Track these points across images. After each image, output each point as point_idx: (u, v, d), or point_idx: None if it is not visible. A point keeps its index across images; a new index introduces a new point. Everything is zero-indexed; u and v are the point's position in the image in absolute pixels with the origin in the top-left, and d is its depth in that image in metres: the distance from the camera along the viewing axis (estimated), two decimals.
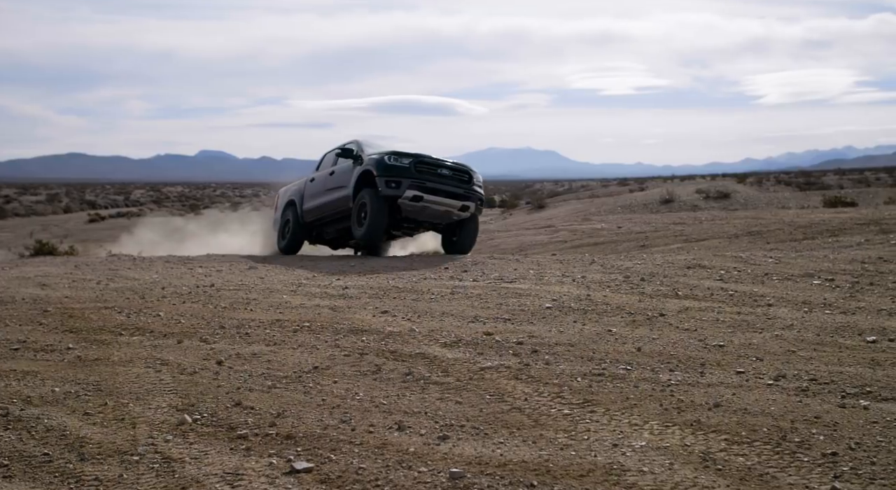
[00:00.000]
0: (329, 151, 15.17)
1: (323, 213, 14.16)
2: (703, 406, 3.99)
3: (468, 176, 12.82)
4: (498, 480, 3.16)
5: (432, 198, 12.39)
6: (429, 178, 12.45)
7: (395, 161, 12.47)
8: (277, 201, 16.19)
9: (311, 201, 14.51)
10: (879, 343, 5.21)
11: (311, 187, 14.72)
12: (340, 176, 13.64)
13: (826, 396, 4.06)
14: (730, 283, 8.17)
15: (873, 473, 3.04)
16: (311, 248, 15.59)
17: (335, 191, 13.68)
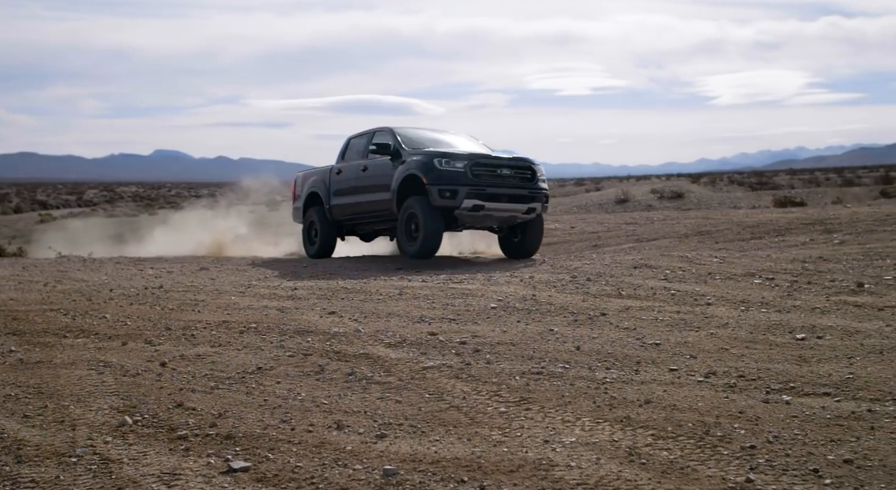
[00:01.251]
0: (354, 136, 13.49)
1: (356, 212, 12.65)
2: (635, 403, 4.11)
3: (531, 172, 11.35)
4: (430, 477, 3.25)
5: (494, 205, 10.98)
6: (488, 181, 10.99)
7: (447, 165, 10.92)
8: (295, 189, 14.44)
9: (340, 198, 12.89)
10: (808, 340, 5.39)
11: (338, 180, 13.02)
12: (377, 174, 12.02)
13: (752, 392, 4.21)
14: (673, 282, 8.34)
15: (786, 465, 3.18)
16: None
17: (372, 191, 12.11)
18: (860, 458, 3.20)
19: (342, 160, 13.36)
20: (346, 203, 12.76)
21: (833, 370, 4.57)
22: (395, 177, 11.46)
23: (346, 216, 12.92)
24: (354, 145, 13.32)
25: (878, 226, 15.88)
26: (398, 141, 12.00)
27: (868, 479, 3.01)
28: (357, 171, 12.61)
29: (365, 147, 12.68)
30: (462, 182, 10.81)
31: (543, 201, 11.47)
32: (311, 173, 14.15)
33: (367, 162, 12.39)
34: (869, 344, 5.20)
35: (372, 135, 12.83)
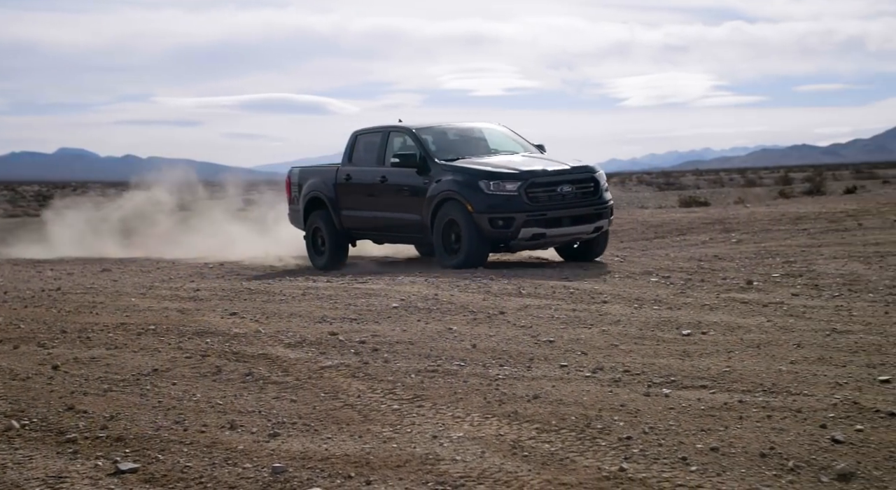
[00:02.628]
0: (362, 133, 11.65)
1: (375, 227, 11.16)
2: (524, 398, 4.26)
3: (594, 183, 9.89)
4: (318, 473, 3.32)
5: (557, 231, 9.61)
6: (547, 203, 9.49)
7: (497, 188, 9.40)
8: (290, 188, 12.59)
9: (352, 211, 11.24)
10: (693, 336, 5.63)
11: (348, 189, 11.31)
12: (402, 191, 10.51)
13: (635, 386, 4.40)
14: (573, 281, 8.57)
15: (658, 454, 3.36)
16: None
17: (396, 209, 10.62)
18: (726, 445, 3.40)
19: (349, 162, 11.58)
20: (361, 217, 11.21)
21: (712, 364, 4.80)
22: (429, 195, 9.93)
23: (361, 229, 11.44)
24: (364, 145, 11.55)
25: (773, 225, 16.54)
26: (426, 150, 10.33)
27: (730, 465, 3.20)
28: (373, 181, 10.94)
29: (380, 149, 11.05)
30: (517, 207, 9.35)
31: (609, 216, 10.12)
32: (309, 172, 12.34)
33: (387, 171, 10.75)
34: (748, 339, 5.47)
35: (387, 135, 11.10)
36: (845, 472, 3.07)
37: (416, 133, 10.64)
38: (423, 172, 10.13)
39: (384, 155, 10.93)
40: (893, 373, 4.45)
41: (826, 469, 3.11)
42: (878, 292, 7.57)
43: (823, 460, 3.20)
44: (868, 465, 3.13)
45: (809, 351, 5.06)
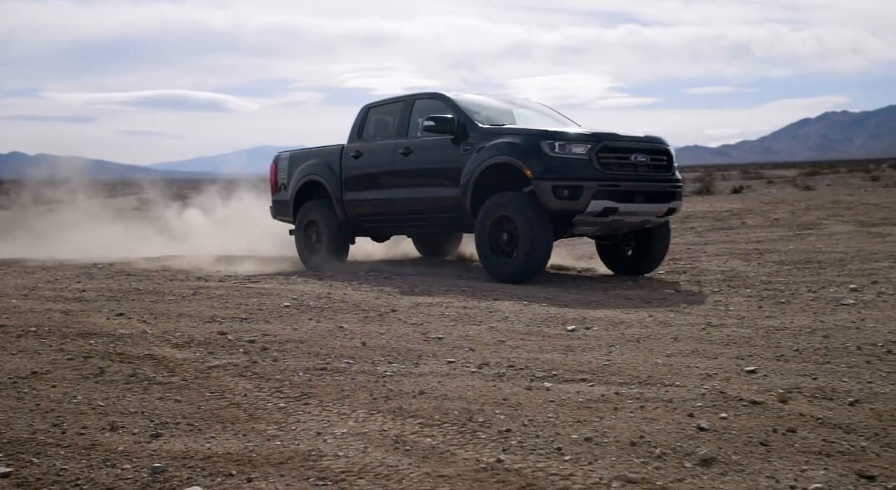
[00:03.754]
0: (375, 105, 10.30)
1: (393, 211, 9.65)
2: (409, 394, 4.32)
3: (667, 156, 8.63)
4: (199, 472, 3.31)
5: (629, 207, 8.18)
6: (620, 173, 8.18)
7: (562, 150, 8.05)
8: (275, 176, 11.11)
9: (361, 192, 9.86)
10: (577, 331, 5.81)
11: (357, 167, 9.92)
12: (433, 160, 9.14)
13: (518, 381, 4.52)
14: (468, 280, 8.70)
15: (535, 445, 3.47)
16: None
17: (423, 184, 9.20)
18: (599, 435, 3.54)
19: (358, 138, 10.20)
20: (374, 199, 9.74)
21: (593, 358, 4.97)
22: (470, 165, 8.53)
23: (372, 216, 9.91)
24: (379, 119, 10.14)
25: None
26: (463, 113, 8.98)
27: (602, 453, 3.33)
28: (392, 155, 9.52)
29: (401, 120, 9.64)
30: (587, 175, 7.94)
31: (681, 198, 8.82)
32: (301, 155, 10.85)
33: (411, 142, 9.39)
34: (629, 333, 5.68)
35: (411, 103, 9.70)
36: (707, 457, 3.24)
37: (451, 99, 9.30)
38: (460, 140, 8.78)
39: (407, 126, 9.54)
40: (759, 363, 4.70)
41: (690, 455, 3.28)
42: (755, 288, 7.95)
43: (688, 447, 3.36)
44: (728, 451, 3.31)
45: (685, 344, 5.28)
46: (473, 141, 8.69)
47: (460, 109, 9.10)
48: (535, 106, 10.50)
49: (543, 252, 8.12)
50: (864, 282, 8.04)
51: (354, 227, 10.18)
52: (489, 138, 8.56)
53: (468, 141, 8.73)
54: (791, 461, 3.21)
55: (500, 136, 8.52)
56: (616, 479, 3.06)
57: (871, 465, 3.15)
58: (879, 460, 3.20)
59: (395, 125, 9.78)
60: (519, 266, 8.13)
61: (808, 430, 3.55)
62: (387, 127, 10.01)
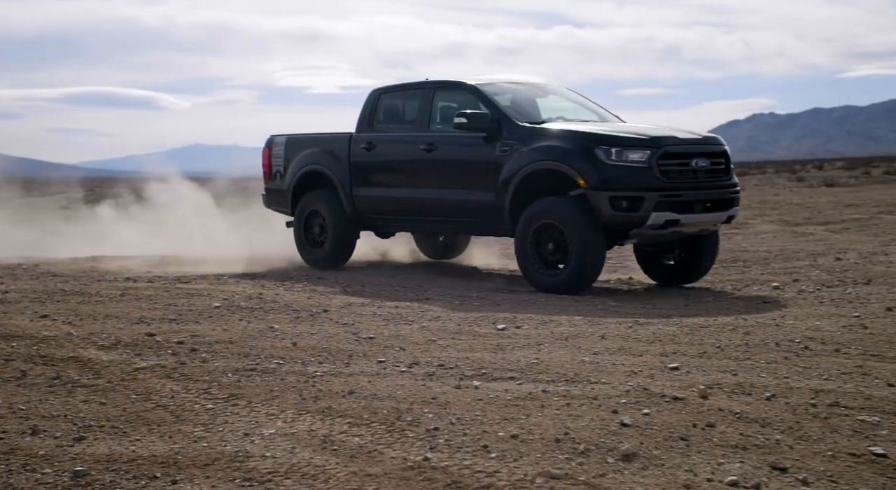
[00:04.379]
0: (387, 90, 9.40)
1: (410, 210, 8.92)
2: (339, 394, 4.33)
3: (725, 159, 7.92)
4: (122, 475, 3.28)
5: (691, 218, 7.50)
6: (682, 180, 7.51)
7: (619, 156, 7.33)
8: (269, 161, 10.17)
9: (375, 188, 9.13)
10: (507, 330, 5.88)
11: (369, 159, 9.14)
12: (463, 161, 8.41)
13: (447, 379, 4.56)
14: (399, 279, 8.72)
15: (462, 443, 3.51)
16: None
17: (451, 185, 8.44)
18: (525, 432, 3.59)
19: (370, 128, 9.29)
20: (391, 197, 9.05)
21: (522, 356, 5.03)
22: (510, 168, 7.81)
23: (388, 214, 9.22)
24: (392, 106, 9.33)
25: None
26: (498, 108, 8.19)
27: (528, 450, 3.39)
28: (412, 149, 8.74)
29: (421, 111, 8.80)
30: (647, 184, 7.26)
31: (738, 204, 8.03)
32: (300, 140, 9.96)
33: (434, 136, 8.62)
34: (558, 332, 5.76)
35: (432, 92, 8.82)
36: (629, 452, 3.31)
37: (480, 89, 8.44)
38: (494, 138, 8.01)
39: (429, 117, 8.72)
40: (682, 360, 4.82)
41: (613, 450, 3.35)
42: (681, 286, 8.12)
43: (611, 443, 3.44)
44: (650, 446, 3.40)
45: (612, 342, 5.38)
46: (512, 141, 7.89)
47: (493, 103, 8.25)
48: (563, 91, 9.56)
49: (596, 264, 7.54)
50: (786, 280, 8.28)
51: (363, 222, 9.42)
52: (531, 139, 7.80)
53: (505, 140, 7.94)
54: (709, 455, 3.30)
55: (545, 137, 7.76)
56: (540, 476, 3.12)
57: (784, 457, 3.26)
58: (792, 452, 3.31)
59: (413, 115, 8.95)
60: (568, 279, 7.49)
61: (726, 424, 3.65)
62: (400, 116, 9.25)
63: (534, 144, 7.75)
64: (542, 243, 7.65)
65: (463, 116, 8.06)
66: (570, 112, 8.82)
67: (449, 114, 8.64)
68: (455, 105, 8.60)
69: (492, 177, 7.99)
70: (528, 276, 7.86)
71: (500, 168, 7.93)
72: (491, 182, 8.00)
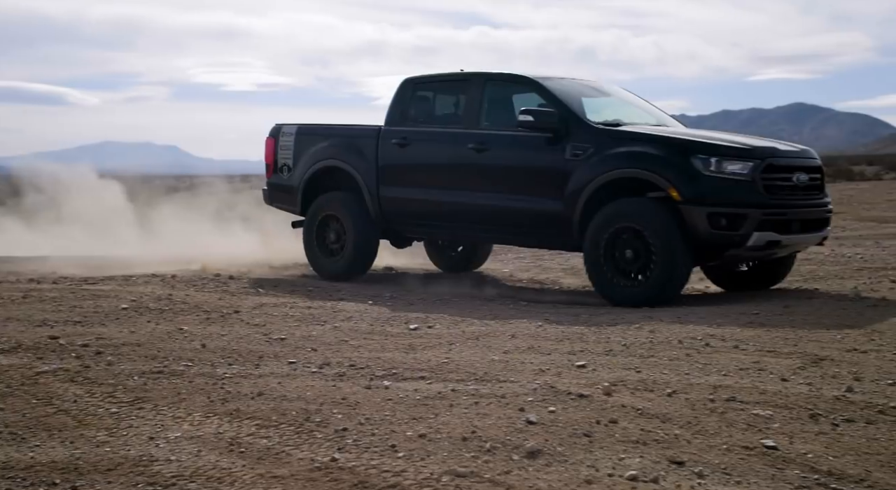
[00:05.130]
0: (421, 80, 8.53)
1: (453, 216, 8.03)
2: (248, 396, 4.29)
3: (820, 174, 7.38)
4: (19, 483, 3.19)
5: (791, 239, 6.97)
6: (784, 198, 6.91)
7: (720, 169, 6.69)
8: (274, 152, 9.16)
9: (408, 188, 8.20)
10: (420, 330, 5.92)
11: (403, 157, 8.24)
12: (521, 162, 7.58)
13: (358, 380, 4.57)
14: (313, 278, 8.68)
15: (370, 443, 3.53)
16: None
17: (506, 190, 7.60)
18: (433, 432, 3.63)
19: (402, 122, 8.38)
20: (427, 200, 8.11)
21: (433, 356, 5.07)
22: (583, 175, 7.06)
23: (419, 218, 8.34)
24: (432, 98, 8.54)
25: None
26: (565, 106, 7.40)
27: (435, 449, 3.43)
28: (458, 149, 7.86)
29: (469, 106, 7.93)
30: (750, 200, 6.64)
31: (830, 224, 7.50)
32: (315, 131, 9.01)
33: (485, 134, 7.77)
34: (469, 331, 5.83)
35: (482, 84, 7.97)
36: (534, 449, 3.38)
37: (542, 83, 7.65)
38: (561, 140, 7.22)
39: (478, 113, 7.85)
40: (589, 358, 4.93)
41: (518, 448, 3.41)
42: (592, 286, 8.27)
43: (517, 440, 3.50)
44: (554, 443, 3.47)
45: (522, 341, 5.47)
46: (586, 144, 7.11)
47: (560, 101, 7.44)
48: (618, 90, 8.82)
49: (682, 277, 6.88)
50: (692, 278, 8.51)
51: (389, 227, 8.52)
52: (609, 143, 7.07)
53: (577, 143, 7.15)
54: (611, 450, 3.39)
55: (627, 141, 7.05)
56: (446, 474, 3.16)
57: (682, 451, 3.37)
58: (690, 447, 3.43)
59: (457, 110, 8.14)
60: (649, 290, 6.75)
61: (628, 420, 3.75)
62: (440, 110, 8.49)
63: (613, 149, 7.00)
64: (619, 250, 6.87)
65: (529, 114, 7.23)
66: (636, 114, 8.10)
67: (502, 110, 7.98)
68: (511, 101, 7.97)
69: (558, 184, 7.19)
70: (600, 287, 7.07)
71: (569, 175, 7.14)
72: (557, 189, 7.20)
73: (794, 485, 3.03)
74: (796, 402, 3.99)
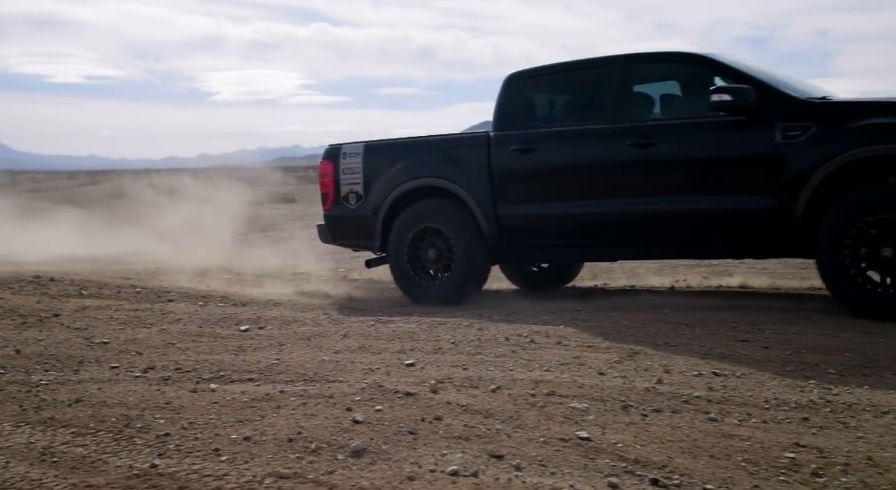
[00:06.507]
0: (537, 72, 7.23)
1: (604, 227, 6.74)
2: (64, 403, 4.12)
3: None
4: None
5: None
6: None
7: None
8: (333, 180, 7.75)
9: (538, 203, 6.94)
10: (251, 331, 5.84)
11: (529, 164, 6.93)
12: (709, 154, 6.35)
13: (183, 383, 4.47)
14: (142, 279, 8.40)
15: (193, 447, 3.47)
16: None
17: (687, 190, 6.39)
18: (259, 434, 3.60)
19: (521, 123, 7.10)
20: (571, 214, 6.80)
21: (263, 357, 5.03)
22: (805, 160, 5.94)
23: (561, 237, 6.96)
24: (556, 93, 7.40)
25: None
26: (758, 81, 6.25)
27: (259, 451, 3.40)
28: (614, 147, 6.61)
29: (614, 95, 6.69)
30: None
31: None
32: (392, 147, 7.75)
33: (648, 126, 6.60)
34: (301, 332, 5.81)
35: (626, 67, 6.71)
36: (359, 448, 3.42)
37: (713, 57, 6.52)
38: (757, 121, 6.12)
39: (627, 103, 6.69)
40: (419, 356, 5.02)
41: (343, 447, 3.44)
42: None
43: (343, 440, 3.53)
44: (379, 441, 3.52)
45: (353, 341, 5.50)
46: (802, 122, 5.99)
47: (752, 76, 6.30)
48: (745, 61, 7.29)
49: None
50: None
51: (508, 252, 7.26)
52: (835, 118, 5.97)
53: (788, 123, 6.03)
54: (434, 447, 3.47)
55: (859, 114, 5.90)
56: (269, 476, 3.15)
57: (502, 445, 3.49)
58: (510, 441, 3.55)
59: (596, 102, 6.91)
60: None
61: (452, 417, 3.85)
62: (565, 105, 7.37)
63: (845, 125, 5.89)
64: (872, 249, 5.78)
65: (726, 93, 6.06)
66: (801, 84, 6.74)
67: (666, 97, 6.96)
68: (676, 84, 6.91)
69: (768, 175, 6.10)
70: (842, 293, 5.97)
71: (783, 161, 6.02)
72: (765, 182, 6.11)
73: (603, 473, 3.20)
74: (611, 394, 4.21)
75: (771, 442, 3.49)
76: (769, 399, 4.12)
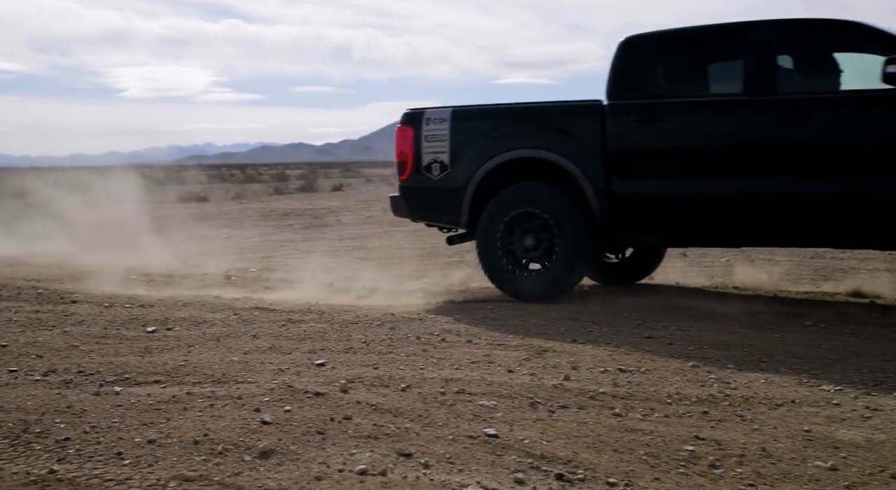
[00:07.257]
0: (646, 37, 6.62)
1: (743, 211, 6.12)
2: None
3: None
4: None
5: None
6: None
7: None
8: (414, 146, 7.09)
9: (660, 179, 6.34)
10: (158, 332, 5.72)
11: (650, 138, 6.33)
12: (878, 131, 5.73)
13: (86, 387, 4.36)
14: (43, 282, 8.16)
15: (94, 452, 3.38)
16: None
17: (845, 171, 5.80)
18: (164, 436, 3.54)
19: (640, 91, 6.56)
20: (705, 193, 6.21)
21: (171, 359, 4.93)
22: None
23: (683, 220, 6.38)
24: (679, 59, 6.70)
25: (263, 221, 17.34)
26: None
27: (164, 454, 3.34)
28: (757, 121, 6.01)
29: (753, 64, 6.07)
30: None
31: None
32: (485, 113, 7.08)
33: (798, 98, 6.04)
34: (210, 332, 5.72)
35: (759, 34, 6.16)
36: (267, 449, 3.39)
37: (873, 26, 5.91)
38: None
39: (771, 73, 6.10)
40: (329, 356, 5.00)
41: (251, 449, 3.41)
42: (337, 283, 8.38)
43: (250, 441, 3.49)
44: (288, 442, 3.50)
45: (263, 341, 5.45)
46: None
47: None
48: None
49: None
50: (436, 276, 8.84)
51: (621, 234, 6.67)
52: None
53: None
54: (343, 446, 3.47)
55: None
56: (174, 479, 3.10)
57: (410, 443, 3.51)
58: (419, 439, 3.58)
59: (730, 72, 6.35)
60: None
61: (362, 416, 3.85)
62: (693, 75, 6.68)
63: None
64: None
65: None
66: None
67: (818, 68, 6.41)
68: (830, 55, 6.32)
69: None
70: None
71: None
72: None
73: (510, 469, 3.25)
74: (519, 391, 4.28)
75: (672, 435, 3.60)
76: (671, 394, 4.25)
